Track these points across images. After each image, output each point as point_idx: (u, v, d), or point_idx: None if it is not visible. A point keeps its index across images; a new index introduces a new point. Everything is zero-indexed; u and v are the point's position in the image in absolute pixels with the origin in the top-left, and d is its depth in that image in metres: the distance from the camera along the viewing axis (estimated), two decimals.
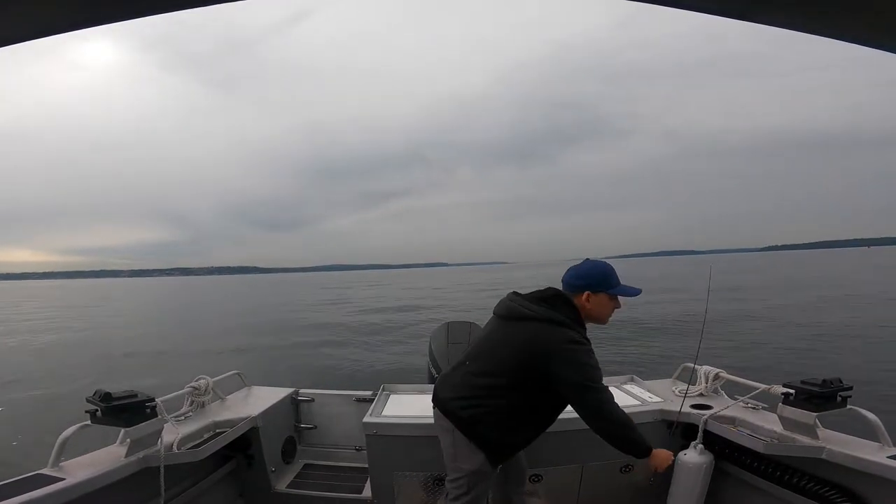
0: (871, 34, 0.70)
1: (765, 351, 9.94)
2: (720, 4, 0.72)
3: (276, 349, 12.24)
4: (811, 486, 1.99)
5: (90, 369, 10.08)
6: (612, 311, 1.82)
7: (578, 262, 1.88)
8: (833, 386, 1.97)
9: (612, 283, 1.78)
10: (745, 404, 2.37)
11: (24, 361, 11.71)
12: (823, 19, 0.68)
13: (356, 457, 2.99)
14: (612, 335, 12.66)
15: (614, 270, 1.81)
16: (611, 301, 1.79)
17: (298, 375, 8.53)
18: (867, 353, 9.29)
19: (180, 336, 15.77)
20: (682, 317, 14.53)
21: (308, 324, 18.08)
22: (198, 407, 2.58)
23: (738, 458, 2.27)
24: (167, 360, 10.95)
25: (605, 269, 1.80)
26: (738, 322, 13.36)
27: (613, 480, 2.43)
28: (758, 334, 11.81)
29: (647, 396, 2.63)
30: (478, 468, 1.74)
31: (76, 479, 1.74)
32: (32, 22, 0.65)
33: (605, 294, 1.77)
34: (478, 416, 1.74)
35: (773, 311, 15.94)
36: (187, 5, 0.67)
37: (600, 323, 1.82)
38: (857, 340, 10.59)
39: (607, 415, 1.68)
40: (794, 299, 19.15)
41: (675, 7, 0.70)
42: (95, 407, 1.89)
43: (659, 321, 14.25)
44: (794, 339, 11.03)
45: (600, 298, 1.77)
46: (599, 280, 1.77)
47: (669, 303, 18.27)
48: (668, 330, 13.04)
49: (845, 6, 0.64)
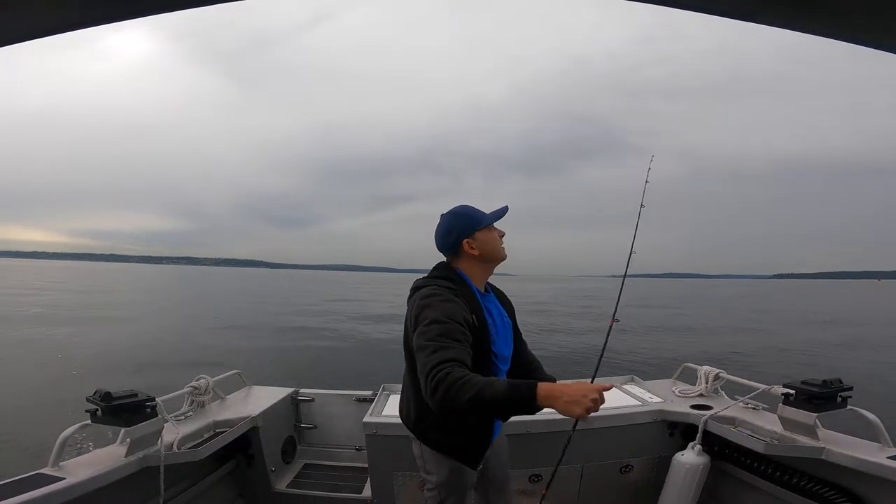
0: (879, 36, 0.69)
1: (765, 351, 9.95)
2: (728, 6, 0.72)
3: (276, 349, 12.24)
4: (811, 486, 1.99)
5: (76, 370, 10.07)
6: (500, 243, 1.67)
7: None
8: (833, 386, 1.97)
9: (478, 218, 1.63)
10: (745, 405, 2.37)
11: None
12: (831, 20, 0.68)
13: (356, 457, 2.99)
14: (613, 335, 12.66)
15: (472, 207, 1.67)
16: (490, 233, 1.64)
17: (299, 375, 8.53)
18: (867, 353, 9.29)
19: (178, 333, 15.76)
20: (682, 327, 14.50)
21: (308, 323, 18.07)
22: (198, 406, 2.58)
23: (739, 458, 2.27)
24: (163, 359, 10.96)
25: (465, 210, 1.66)
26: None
27: (613, 480, 2.43)
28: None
29: (648, 397, 2.63)
30: (446, 479, 1.59)
31: (76, 478, 1.74)
32: (52, 18, 0.66)
33: (481, 231, 1.62)
34: (417, 416, 1.60)
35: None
36: (203, 3, 0.68)
37: (499, 257, 1.67)
38: (856, 342, 10.60)
39: (436, 381, 1.20)
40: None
41: (682, 9, 0.70)
42: (95, 406, 1.89)
43: (659, 324, 14.23)
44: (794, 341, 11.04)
45: (479, 238, 1.61)
46: (465, 223, 1.62)
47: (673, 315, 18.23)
48: (668, 331, 13.04)
49: (854, 7, 0.64)
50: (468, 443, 1.58)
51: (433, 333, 1.32)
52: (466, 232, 1.61)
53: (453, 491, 1.61)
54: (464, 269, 1.63)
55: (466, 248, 1.60)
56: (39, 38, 0.69)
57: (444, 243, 1.64)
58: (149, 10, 0.70)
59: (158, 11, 0.70)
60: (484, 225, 1.63)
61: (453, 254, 1.64)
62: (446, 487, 1.60)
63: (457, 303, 1.45)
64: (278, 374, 8.93)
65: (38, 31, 0.68)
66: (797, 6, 0.67)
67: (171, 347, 12.51)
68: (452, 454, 1.57)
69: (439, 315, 1.37)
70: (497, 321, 1.62)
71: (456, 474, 1.59)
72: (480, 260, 1.63)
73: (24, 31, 0.67)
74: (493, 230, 1.65)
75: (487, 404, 1.16)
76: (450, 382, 1.18)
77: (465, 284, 1.59)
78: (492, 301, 1.67)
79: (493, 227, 1.65)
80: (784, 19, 0.70)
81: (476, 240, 1.61)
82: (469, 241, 1.60)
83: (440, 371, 1.21)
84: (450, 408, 1.21)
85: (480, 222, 1.62)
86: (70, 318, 18.45)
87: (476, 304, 1.53)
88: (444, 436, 1.56)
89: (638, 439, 2.42)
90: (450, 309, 1.41)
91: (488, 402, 1.15)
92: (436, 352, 1.27)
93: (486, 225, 1.63)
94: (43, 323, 16.61)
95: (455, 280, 1.57)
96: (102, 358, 11.01)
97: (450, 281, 1.55)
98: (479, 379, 1.19)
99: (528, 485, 2.38)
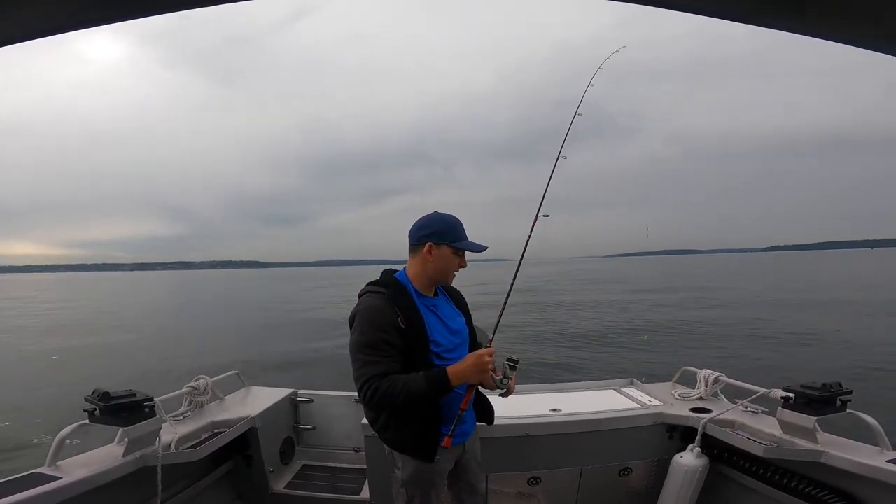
0: (871, 38, 0.70)
1: (764, 352, 9.94)
2: (722, 8, 0.72)
3: (275, 349, 12.23)
4: (810, 489, 1.99)
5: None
6: (456, 268, 1.67)
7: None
8: (833, 390, 1.96)
9: (457, 235, 1.63)
10: (744, 408, 2.36)
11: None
12: (824, 23, 0.68)
13: (355, 458, 2.99)
14: (612, 335, 12.65)
15: (462, 225, 1.66)
16: (454, 255, 1.63)
17: (298, 376, 8.53)
18: (868, 354, 9.28)
19: (177, 333, 15.76)
20: (677, 322, 14.52)
21: (308, 323, 18.06)
22: (196, 407, 2.57)
23: (738, 461, 2.26)
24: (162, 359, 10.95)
25: (452, 220, 1.65)
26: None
27: (612, 483, 2.42)
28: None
29: (647, 400, 2.63)
30: (409, 477, 1.62)
31: (73, 477, 1.74)
32: (34, 21, 0.66)
33: (448, 247, 1.61)
34: (376, 426, 1.65)
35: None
36: (187, 6, 0.68)
37: (444, 281, 1.70)
38: (857, 342, 10.59)
39: (368, 396, 1.45)
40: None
41: (677, 10, 0.70)
42: (93, 406, 1.89)
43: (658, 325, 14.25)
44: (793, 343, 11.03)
45: (443, 251, 1.61)
46: (443, 230, 1.62)
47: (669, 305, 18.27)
48: (668, 332, 13.04)
49: (845, 9, 0.64)
50: (417, 438, 1.60)
51: (361, 345, 1.51)
52: (437, 238, 1.61)
53: (418, 487, 1.64)
54: (411, 271, 1.67)
55: (426, 250, 1.62)
56: (30, 40, 0.69)
57: (414, 233, 1.65)
58: (138, 13, 0.70)
59: (148, 14, 0.70)
60: (457, 245, 1.63)
61: (413, 248, 1.67)
62: (412, 485, 1.64)
63: (383, 312, 1.53)
64: (277, 374, 8.93)
65: (28, 33, 0.67)
66: (791, 8, 0.67)
67: (171, 347, 12.51)
68: (406, 451, 1.62)
69: (366, 327, 1.52)
70: (443, 316, 1.67)
71: (419, 472, 1.63)
72: (427, 268, 1.64)
73: (13, 32, 0.67)
74: (459, 257, 1.66)
75: (416, 400, 1.46)
76: (380, 396, 1.44)
77: (403, 290, 1.63)
78: (439, 301, 1.71)
79: (460, 254, 1.66)
80: (784, 22, 0.70)
81: (440, 250, 1.62)
82: (433, 246, 1.61)
83: (369, 388, 1.45)
84: (390, 412, 1.52)
85: (455, 240, 1.63)
86: (70, 324, 18.47)
87: (410, 305, 1.59)
88: (397, 434, 1.61)
89: (637, 442, 2.42)
90: (376, 319, 1.52)
91: (416, 398, 1.46)
92: (364, 366, 1.48)
93: (457, 246, 1.63)
94: (47, 332, 16.62)
95: (391, 285, 1.63)
96: (102, 358, 11.01)
97: (385, 287, 1.62)
98: (400, 384, 1.45)
99: (527, 487, 2.37)
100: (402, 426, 1.59)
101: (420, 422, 1.58)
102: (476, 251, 1.66)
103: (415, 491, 1.64)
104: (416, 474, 1.62)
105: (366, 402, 1.50)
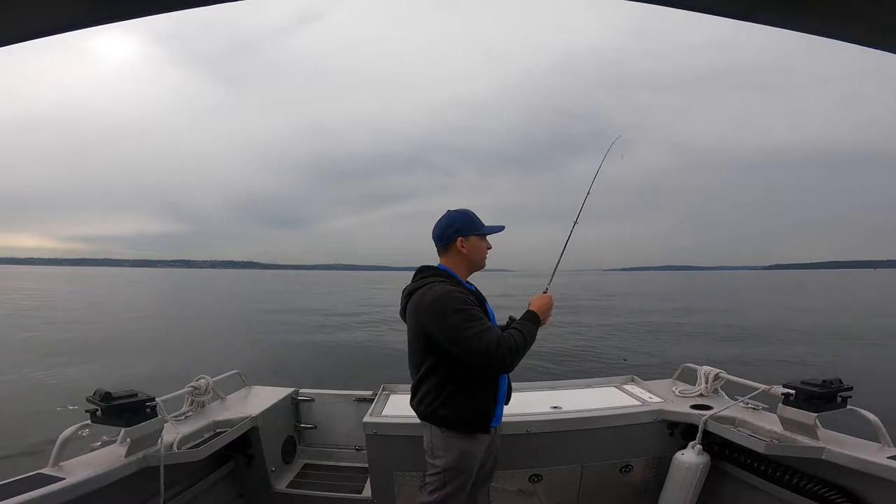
0: (874, 36, 0.69)
1: (764, 351, 9.95)
2: (723, 5, 0.72)
3: (276, 349, 12.23)
4: (811, 486, 1.99)
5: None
6: (486, 253, 1.87)
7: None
8: (833, 386, 1.97)
9: (478, 224, 1.83)
10: (745, 405, 2.37)
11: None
12: (826, 20, 0.68)
13: (356, 457, 2.99)
14: (612, 335, 12.65)
15: (476, 214, 1.85)
16: (482, 242, 1.84)
17: (299, 375, 8.52)
18: (867, 353, 9.29)
19: (178, 333, 15.76)
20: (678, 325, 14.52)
21: (308, 323, 18.07)
22: (198, 407, 2.58)
23: (739, 458, 2.27)
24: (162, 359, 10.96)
25: (468, 213, 1.85)
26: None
27: (613, 480, 2.43)
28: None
29: (648, 397, 2.63)
30: (453, 464, 1.71)
31: (76, 478, 1.74)
32: (41, 19, 0.66)
33: (475, 236, 1.81)
34: (435, 404, 1.73)
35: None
36: (191, 4, 0.68)
37: (480, 266, 1.87)
38: (858, 341, 10.59)
39: (502, 350, 1.57)
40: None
41: (678, 7, 0.70)
42: (95, 406, 1.89)
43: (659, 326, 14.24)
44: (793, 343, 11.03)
45: (472, 241, 1.80)
46: (466, 223, 1.81)
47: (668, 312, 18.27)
48: (668, 333, 13.05)
49: (849, 6, 0.64)
50: (479, 412, 1.73)
51: (467, 317, 1.60)
52: (464, 231, 1.79)
53: (458, 475, 1.72)
54: (449, 266, 1.81)
55: (458, 245, 1.79)
56: (36, 38, 0.69)
57: (441, 234, 1.82)
58: (144, 12, 0.70)
59: (155, 12, 0.70)
60: (481, 232, 1.82)
61: (444, 247, 1.82)
62: (452, 471, 1.71)
63: (463, 290, 1.69)
64: (278, 374, 8.93)
65: (35, 32, 0.67)
66: (793, 5, 0.67)
67: (170, 347, 12.51)
68: (461, 426, 1.72)
69: (459, 304, 1.62)
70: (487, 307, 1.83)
71: (463, 459, 1.72)
72: (465, 260, 1.82)
73: (20, 31, 0.67)
74: (485, 240, 1.85)
75: (532, 340, 1.67)
76: (516, 348, 1.59)
77: (454, 278, 1.77)
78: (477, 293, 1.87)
79: (485, 238, 1.85)
80: (781, 19, 0.70)
81: (469, 241, 1.80)
82: (463, 239, 1.79)
83: (502, 346, 1.56)
84: (515, 360, 1.61)
85: (479, 228, 1.82)
86: (66, 321, 18.46)
87: (466, 289, 1.74)
88: (458, 409, 1.70)
89: (638, 439, 2.42)
90: (462, 295, 1.66)
91: (533, 338, 1.68)
92: (485, 332, 1.59)
93: (482, 233, 1.83)
94: (42, 328, 16.61)
95: (445, 275, 1.76)
96: (101, 359, 11.01)
97: (444, 277, 1.74)
98: (517, 332, 1.64)
99: (528, 484, 2.38)
100: (468, 400, 1.70)
101: (488, 395, 1.73)
102: (498, 232, 1.87)
103: (452, 477, 1.72)
104: (460, 458, 1.71)
105: (500, 359, 1.57)
